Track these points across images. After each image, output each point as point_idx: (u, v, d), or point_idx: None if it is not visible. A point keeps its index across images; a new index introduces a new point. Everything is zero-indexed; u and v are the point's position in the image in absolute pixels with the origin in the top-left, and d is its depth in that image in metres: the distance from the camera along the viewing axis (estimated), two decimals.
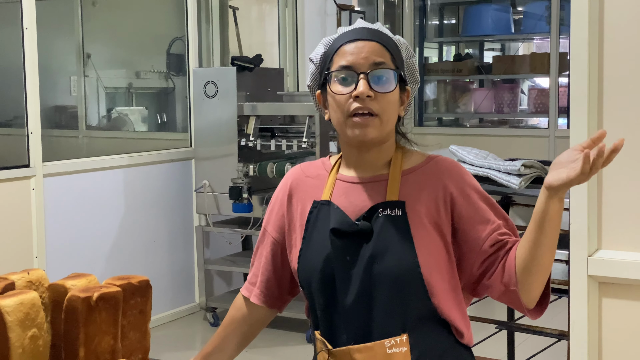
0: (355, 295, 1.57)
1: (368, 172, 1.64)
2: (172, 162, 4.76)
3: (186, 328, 4.66)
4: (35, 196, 3.89)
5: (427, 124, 7.11)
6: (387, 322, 1.56)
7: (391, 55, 1.60)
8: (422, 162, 1.64)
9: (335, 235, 1.60)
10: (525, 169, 2.84)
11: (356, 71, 1.57)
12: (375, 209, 1.58)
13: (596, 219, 2.00)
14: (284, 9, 5.75)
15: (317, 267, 1.61)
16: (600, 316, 2.01)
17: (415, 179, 1.61)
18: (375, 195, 1.61)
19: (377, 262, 1.56)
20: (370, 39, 1.60)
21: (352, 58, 1.58)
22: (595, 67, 1.96)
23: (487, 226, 1.57)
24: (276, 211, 1.74)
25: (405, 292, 1.55)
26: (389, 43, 1.61)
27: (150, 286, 1.81)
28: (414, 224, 1.57)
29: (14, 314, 1.58)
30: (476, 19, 6.90)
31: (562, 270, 2.91)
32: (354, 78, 1.57)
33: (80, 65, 5.92)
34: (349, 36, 1.61)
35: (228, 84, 4.47)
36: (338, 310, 1.59)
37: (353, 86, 1.56)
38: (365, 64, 1.57)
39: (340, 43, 1.61)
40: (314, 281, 1.62)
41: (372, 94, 1.55)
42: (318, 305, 1.63)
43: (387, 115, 1.58)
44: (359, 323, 1.57)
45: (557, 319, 3.52)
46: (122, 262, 4.40)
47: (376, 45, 1.59)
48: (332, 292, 1.60)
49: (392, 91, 1.57)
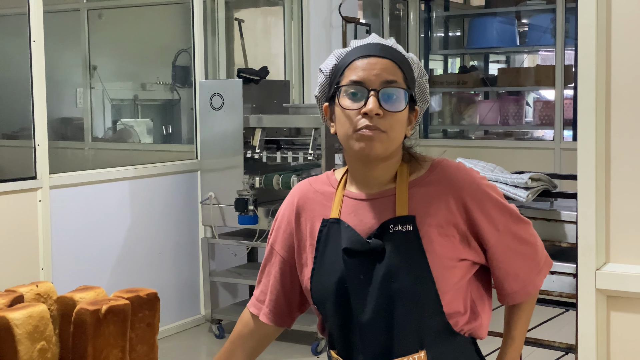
0: (371, 313, 1.55)
1: (375, 188, 1.62)
2: (177, 174, 4.77)
3: (191, 340, 4.65)
4: (42, 208, 3.89)
5: (432, 135, 7.11)
6: (404, 340, 1.54)
7: (403, 74, 1.58)
8: (428, 170, 1.61)
9: (347, 255, 1.58)
10: (533, 182, 2.84)
11: (367, 87, 1.54)
12: (386, 226, 1.56)
13: (604, 232, 1.99)
14: (290, 21, 5.76)
15: (331, 287, 1.59)
16: (609, 330, 1.99)
17: (423, 190, 1.59)
18: (384, 212, 1.59)
19: (392, 280, 1.54)
20: (384, 56, 1.57)
21: (364, 74, 1.55)
22: (602, 77, 1.96)
23: (495, 233, 1.59)
24: (283, 229, 1.71)
25: (421, 308, 1.54)
26: (401, 61, 1.59)
27: (158, 299, 1.81)
28: (425, 237, 1.55)
29: (22, 327, 1.58)
30: (481, 31, 6.91)
31: (569, 283, 2.90)
32: (364, 94, 1.54)
33: (87, 77, 5.94)
34: (362, 51, 1.59)
35: (234, 96, 4.48)
36: (354, 330, 1.58)
37: (363, 102, 1.54)
38: (377, 81, 1.55)
39: (352, 57, 1.58)
40: (329, 301, 1.60)
41: (381, 112, 1.53)
42: (334, 325, 1.62)
43: (395, 132, 1.56)
44: (376, 341, 1.56)
45: (564, 332, 3.51)
46: (127, 274, 4.40)
47: (389, 63, 1.57)
48: (347, 311, 1.58)
49: (402, 111, 1.56)
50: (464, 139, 6.99)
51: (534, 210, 2.98)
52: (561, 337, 3.20)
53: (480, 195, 1.59)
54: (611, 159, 1.93)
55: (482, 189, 1.60)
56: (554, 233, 2.93)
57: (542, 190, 2.90)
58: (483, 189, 1.60)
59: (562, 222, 2.89)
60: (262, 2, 6.56)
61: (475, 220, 1.57)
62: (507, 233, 1.61)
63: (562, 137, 6.20)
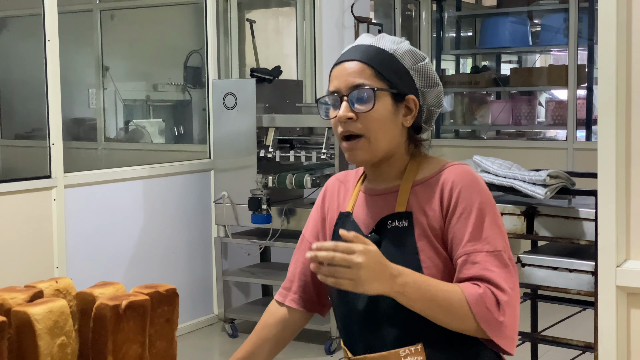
0: (364, 305, 1.61)
1: (382, 184, 1.67)
2: (191, 173, 4.77)
3: (205, 339, 4.65)
4: (57, 207, 3.90)
5: (444, 136, 7.09)
6: (398, 332, 1.58)
7: (375, 72, 1.60)
8: (435, 171, 1.62)
9: None
10: (551, 179, 2.82)
11: (339, 95, 1.61)
12: (385, 221, 1.61)
13: (624, 229, 1.98)
14: (302, 21, 5.77)
15: None
16: (629, 327, 1.98)
17: (425, 189, 1.61)
18: (386, 207, 1.63)
19: None
20: (353, 58, 1.61)
21: (337, 82, 1.62)
22: (623, 74, 1.94)
23: (461, 245, 1.54)
24: (314, 218, 1.79)
25: None
26: (375, 59, 1.61)
27: (177, 295, 1.81)
28: (419, 234, 1.58)
29: (43, 322, 1.58)
30: (493, 31, 6.89)
31: (587, 281, 2.88)
32: (337, 102, 1.61)
33: (99, 78, 5.96)
34: (339, 58, 1.65)
35: (247, 95, 4.48)
36: (354, 320, 1.64)
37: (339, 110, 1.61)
38: (346, 87, 1.60)
39: (333, 66, 1.66)
40: (334, 291, 1.68)
41: (354, 116, 1.58)
42: (338, 315, 1.69)
43: (375, 133, 1.58)
44: (372, 332, 1.61)
45: (581, 330, 3.49)
46: (141, 273, 4.41)
47: (357, 65, 1.61)
48: (348, 302, 1.64)
49: (373, 109, 1.57)
50: (476, 139, 6.97)
51: (552, 208, 2.96)
52: (578, 335, 3.18)
53: (466, 203, 1.56)
54: (632, 156, 1.92)
55: (476, 199, 1.56)
56: (572, 231, 2.91)
57: (560, 187, 2.88)
58: (479, 201, 1.56)
59: (580, 219, 2.87)
60: (274, 3, 6.57)
61: (449, 220, 1.56)
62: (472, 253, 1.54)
63: (575, 137, 6.16)
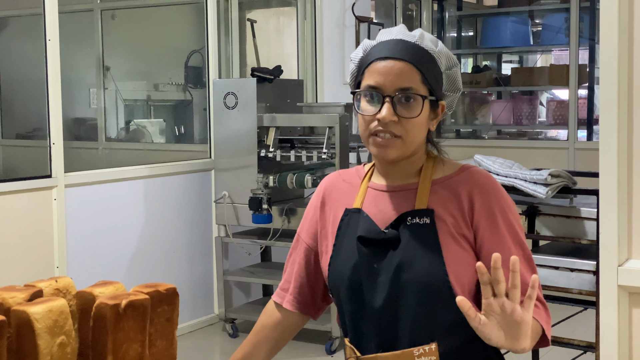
0: (382, 302, 1.57)
1: (398, 181, 1.63)
2: (191, 173, 4.77)
3: (205, 339, 4.65)
4: (57, 206, 3.90)
5: (445, 135, 7.08)
6: (415, 330, 1.55)
7: (422, 76, 1.57)
8: (455, 172, 1.62)
9: (362, 243, 1.60)
10: (552, 178, 2.82)
11: (382, 93, 1.55)
12: (404, 218, 1.58)
13: (626, 228, 1.97)
14: (303, 21, 5.76)
15: (345, 274, 1.61)
16: (631, 327, 1.97)
17: (445, 188, 1.60)
18: (404, 204, 1.60)
19: (404, 270, 1.55)
20: (401, 58, 1.57)
21: (380, 79, 1.56)
22: (624, 73, 1.94)
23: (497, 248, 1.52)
24: (310, 217, 1.75)
25: (433, 300, 1.54)
26: (422, 61, 1.58)
27: (177, 294, 1.80)
28: (442, 232, 1.55)
29: (42, 321, 1.57)
30: (494, 31, 6.89)
31: (588, 281, 2.88)
32: (379, 99, 1.56)
33: (100, 78, 5.96)
34: (383, 52, 1.58)
35: (248, 95, 4.48)
36: (366, 318, 1.59)
37: (378, 107, 1.56)
38: (391, 88, 1.55)
39: (374, 56, 1.59)
40: (342, 288, 1.63)
41: (396, 119, 1.54)
42: (347, 313, 1.64)
43: (412, 136, 1.57)
44: (387, 330, 1.57)
45: (582, 329, 3.49)
46: (141, 273, 4.40)
47: (406, 67, 1.56)
48: (360, 299, 1.60)
49: (417, 116, 1.56)
50: (477, 139, 6.96)
51: (554, 207, 2.96)
52: (579, 335, 3.18)
53: (494, 209, 1.57)
54: (633, 155, 1.91)
55: (501, 204, 1.58)
56: (573, 230, 2.90)
57: (561, 186, 2.88)
58: (502, 206, 1.58)
59: (581, 218, 2.87)
60: (275, 3, 6.56)
61: (476, 222, 1.57)
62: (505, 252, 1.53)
63: (576, 137, 6.16)
